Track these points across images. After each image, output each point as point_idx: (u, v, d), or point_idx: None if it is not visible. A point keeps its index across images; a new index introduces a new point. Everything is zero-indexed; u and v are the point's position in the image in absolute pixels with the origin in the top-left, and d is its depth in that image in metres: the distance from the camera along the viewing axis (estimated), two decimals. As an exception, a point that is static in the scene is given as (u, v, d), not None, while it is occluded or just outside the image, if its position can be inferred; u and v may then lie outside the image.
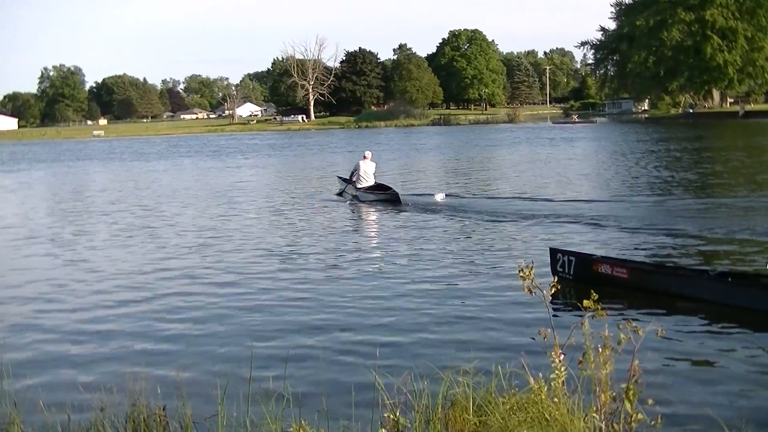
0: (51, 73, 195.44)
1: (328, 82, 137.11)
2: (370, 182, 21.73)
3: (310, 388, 6.29)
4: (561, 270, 10.35)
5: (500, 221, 16.14)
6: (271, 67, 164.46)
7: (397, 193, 20.34)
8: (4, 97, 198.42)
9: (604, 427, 4.11)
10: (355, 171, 22.21)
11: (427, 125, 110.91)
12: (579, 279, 10.05)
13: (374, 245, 13.92)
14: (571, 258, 10.36)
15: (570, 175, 27.01)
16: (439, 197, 20.00)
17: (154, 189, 28.64)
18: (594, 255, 10.62)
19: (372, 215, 18.54)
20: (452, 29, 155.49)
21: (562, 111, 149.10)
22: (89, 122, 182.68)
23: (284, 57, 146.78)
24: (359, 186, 21.72)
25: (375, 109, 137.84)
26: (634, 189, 21.57)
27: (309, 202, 21.91)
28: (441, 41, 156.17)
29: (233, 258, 13.20)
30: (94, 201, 25.06)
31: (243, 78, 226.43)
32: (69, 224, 18.84)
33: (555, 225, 15.11)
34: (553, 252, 10.71)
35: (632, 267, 9.90)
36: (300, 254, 13.35)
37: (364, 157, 22.35)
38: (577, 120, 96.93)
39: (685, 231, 13.86)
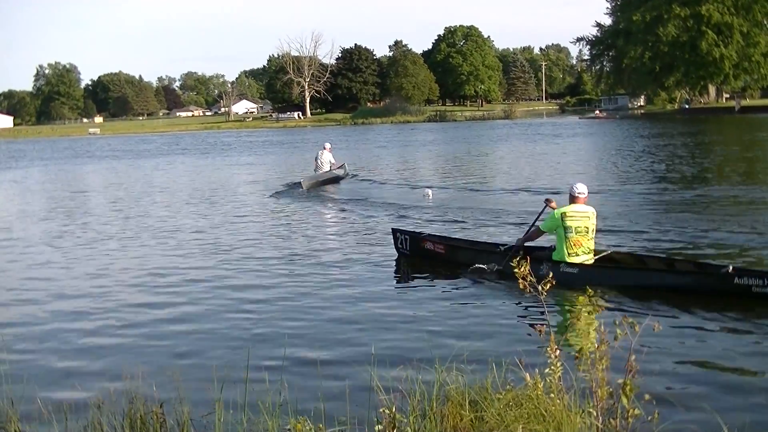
0: (46, 71, 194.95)
1: (324, 79, 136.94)
2: (325, 169, 25.94)
3: (307, 385, 6.30)
4: (401, 246, 12.19)
5: (487, 217, 16.16)
6: (267, 64, 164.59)
7: (300, 182, 23.87)
8: (0, 95, 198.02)
9: (600, 422, 4.12)
10: (316, 159, 26.42)
11: (423, 122, 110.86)
12: (414, 254, 11.93)
13: (361, 243, 13.87)
14: (406, 236, 12.13)
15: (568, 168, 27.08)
16: (429, 193, 20.42)
17: (145, 187, 28.61)
18: (422, 233, 12.42)
19: (356, 212, 18.53)
20: (448, 25, 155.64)
21: (558, 107, 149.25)
22: (85, 120, 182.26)
23: (280, 54, 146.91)
24: (320, 167, 26.02)
25: (371, 105, 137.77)
26: (635, 180, 21.65)
27: (297, 199, 21.96)
28: (437, 38, 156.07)
29: (229, 256, 13.20)
30: (87, 200, 25.05)
31: (239, 75, 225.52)
32: (62, 223, 18.82)
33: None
34: (394, 231, 12.51)
35: (447, 243, 11.66)
36: (292, 253, 13.34)
37: (324, 148, 26.53)
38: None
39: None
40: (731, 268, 8.97)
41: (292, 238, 14.94)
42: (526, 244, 10.51)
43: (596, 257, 10.04)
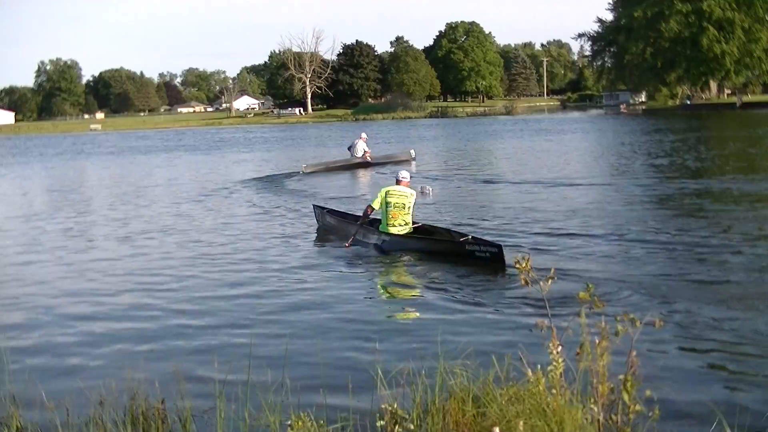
0: (48, 67, 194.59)
1: (326, 75, 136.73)
2: (359, 155, 30.52)
3: (309, 380, 6.30)
4: (318, 219, 15.51)
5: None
6: (269, 60, 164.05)
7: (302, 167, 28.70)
8: (1, 91, 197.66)
9: (602, 418, 4.11)
10: (352, 146, 31.39)
11: (425, 118, 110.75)
12: (324, 225, 15.12)
13: (358, 240, 13.89)
14: (317, 210, 15.65)
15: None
16: (427, 189, 20.52)
17: (145, 185, 28.62)
18: (326, 207, 15.71)
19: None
20: (449, 21, 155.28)
21: (559, 103, 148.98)
22: (86, 116, 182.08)
23: (281, 50, 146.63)
24: (354, 155, 30.86)
25: (372, 101, 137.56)
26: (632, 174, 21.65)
27: (298, 191, 21.96)
28: (438, 33, 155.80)
29: (227, 252, 13.23)
30: (86, 197, 25.07)
31: (240, 71, 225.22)
32: (60, 220, 18.82)
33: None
34: (314, 207, 16.11)
35: (337, 217, 14.71)
36: (291, 249, 13.38)
37: (360, 137, 31.30)
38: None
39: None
40: (470, 237, 11.61)
41: (289, 234, 14.95)
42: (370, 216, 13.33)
43: (414, 226, 12.75)
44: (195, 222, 17.10)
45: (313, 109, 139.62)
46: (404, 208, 12.65)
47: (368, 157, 30.75)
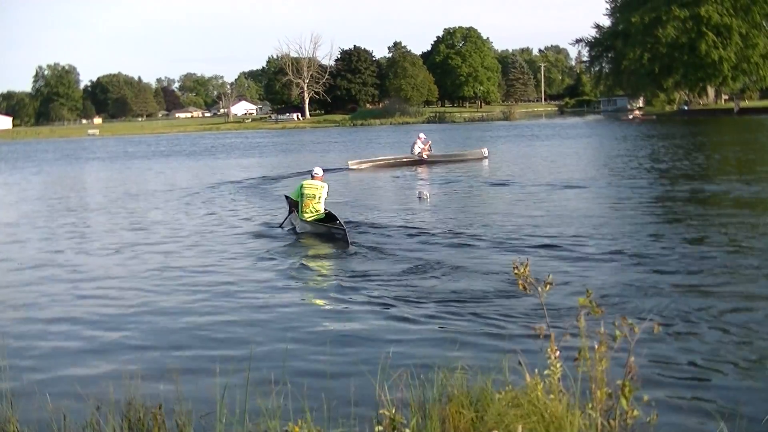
0: (46, 72, 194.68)
1: (323, 80, 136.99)
2: (416, 152, 33.33)
3: (308, 385, 6.29)
4: (289, 206, 16.58)
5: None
6: (266, 65, 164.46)
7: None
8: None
9: (600, 423, 4.11)
10: (413, 145, 34.02)
11: (423, 123, 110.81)
12: (289, 217, 16.19)
13: (355, 244, 13.89)
14: (285, 198, 17.16)
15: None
16: (424, 194, 20.62)
17: (144, 190, 28.59)
18: (289, 198, 16.74)
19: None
20: (447, 27, 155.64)
21: (557, 108, 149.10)
22: (84, 121, 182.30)
23: (279, 55, 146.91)
24: (412, 153, 33.77)
25: (370, 107, 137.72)
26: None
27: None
28: (436, 39, 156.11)
29: (228, 257, 13.21)
30: (84, 200, 25.04)
31: (238, 76, 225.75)
32: (56, 225, 18.79)
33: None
34: (285, 197, 17.07)
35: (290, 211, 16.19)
36: (289, 254, 13.37)
37: (418, 137, 34.31)
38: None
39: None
40: (338, 222, 14.14)
41: (288, 236, 14.96)
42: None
43: (325, 212, 15.10)
44: (194, 224, 17.09)
45: (310, 115, 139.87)
46: (315, 198, 15.21)
47: (425, 155, 33.12)
